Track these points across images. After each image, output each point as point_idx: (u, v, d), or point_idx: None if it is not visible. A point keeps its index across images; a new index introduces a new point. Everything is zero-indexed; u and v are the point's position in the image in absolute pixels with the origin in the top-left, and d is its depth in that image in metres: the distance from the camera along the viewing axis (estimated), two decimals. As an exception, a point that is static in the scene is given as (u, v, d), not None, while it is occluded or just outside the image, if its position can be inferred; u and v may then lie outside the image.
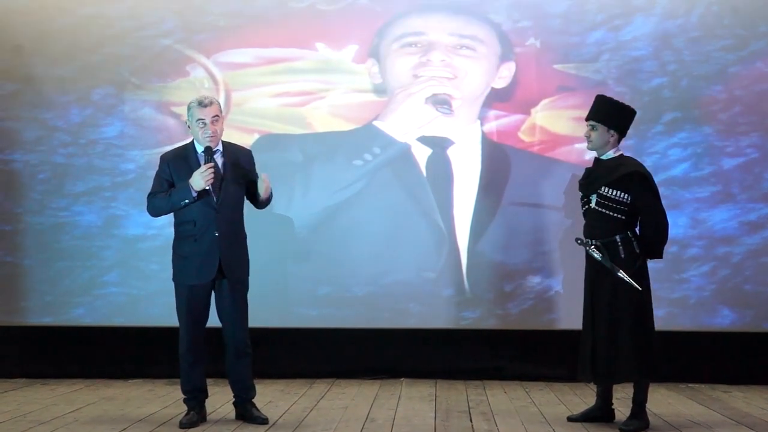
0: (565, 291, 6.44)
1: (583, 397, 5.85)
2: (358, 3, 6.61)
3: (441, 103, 6.57)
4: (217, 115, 4.86)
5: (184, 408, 5.44)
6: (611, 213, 4.87)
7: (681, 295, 6.43)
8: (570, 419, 5.12)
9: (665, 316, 6.42)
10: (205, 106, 4.83)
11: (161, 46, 6.62)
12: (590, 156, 6.43)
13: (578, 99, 6.52)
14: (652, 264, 6.41)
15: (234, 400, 5.13)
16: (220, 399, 5.71)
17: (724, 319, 6.43)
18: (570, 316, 6.40)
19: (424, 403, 5.65)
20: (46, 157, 6.61)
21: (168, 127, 6.60)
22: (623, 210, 4.85)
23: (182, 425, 4.92)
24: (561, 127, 6.52)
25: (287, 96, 6.58)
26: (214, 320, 5.14)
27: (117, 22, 6.62)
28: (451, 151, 6.58)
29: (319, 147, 6.55)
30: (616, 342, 4.80)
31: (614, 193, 4.86)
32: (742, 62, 6.47)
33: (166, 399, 5.74)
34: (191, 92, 6.57)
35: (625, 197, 4.85)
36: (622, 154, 5.00)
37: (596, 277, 4.91)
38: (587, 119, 5.02)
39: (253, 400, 5.09)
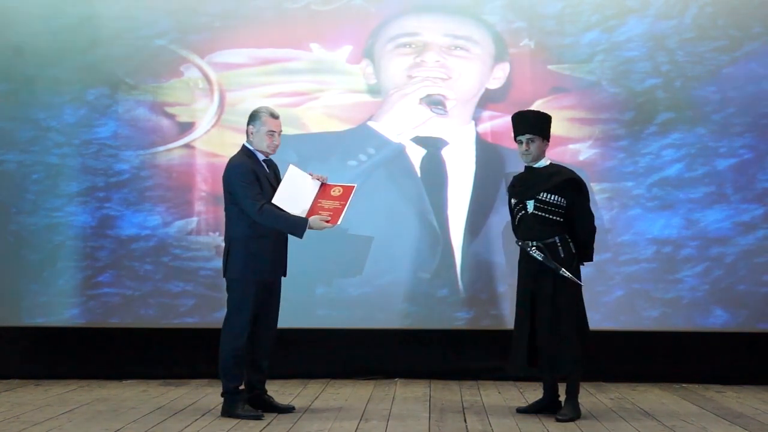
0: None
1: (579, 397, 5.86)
2: (352, 3, 6.61)
3: (435, 103, 6.57)
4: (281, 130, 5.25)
5: (178, 407, 5.44)
6: (550, 216, 5.18)
7: (675, 295, 6.45)
8: (519, 411, 5.36)
9: (659, 317, 6.45)
10: (276, 117, 5.20)
11: (155, 46, 6.62)
12: (586, 156, 6.52)
13: (572, 100, 6.54)
14: (645, 264, 6.48)
15: (256, 392, 5.27)
16: (215, 399, 5.71)
17: (717, 320, 6.45)
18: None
19: (418, 404, 5.66)
20: (40, 158, 6.59)
21: (162, 128, 6.60)
22: (561, 213, 5.18)
23: (260, 417, 5.10)
24: (555, 127, 6.39)
25: (281, 96, 6.58)
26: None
27: (111, 22, 6.61)
28: (445, 152, 6.59)
29: (314, 147, 6.55)
30: (558, 337, 5.10)
31: (552, 198, 5.17)
32: (736, 63, 6.48)
33: (160, 400, 5.73)
34: (185, 92, 6.59)
35: (562, 201, 5.17)
36: (553, 162, 5.38)
37: (537, 276, 5.18)
38: (523, 133, 5.25)
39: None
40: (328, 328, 6.51)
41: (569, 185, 5.18)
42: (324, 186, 5.25)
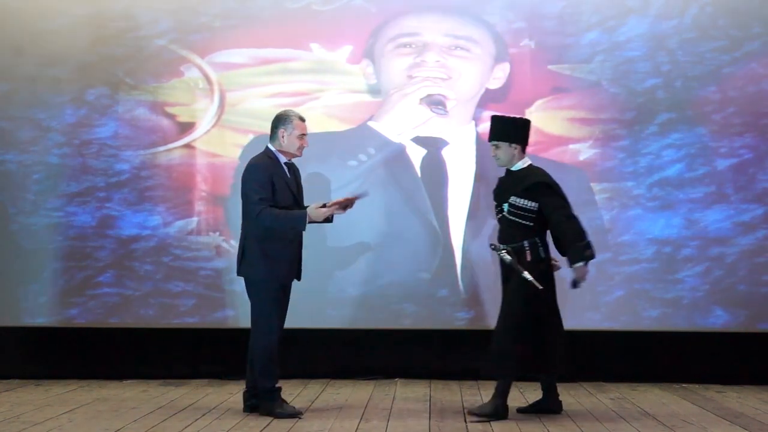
0: (558, 292, 6.42)
1: (577, 397, 5.87)
2: (352, 3, 6.61)
3: (436, 103, 6.57)
4: None
5: (178, 407, 5.45)
6: (520, 220, 5.21)
7: (675, 295, 6.45)
8: (519, 411, 5.34)
9: (659, 317, 6.45)
10: (304, 121, 5.33)
11: (156, 46, 6.61)
12: (586, 156, 6.52)
13: (573, 100, 6.54)
14: (645, 264, 6.47)
15: (249, 392, 5.29)
16: (215, 399, 5.72)
17: (717, 320, 6.44)
18: (564, 317, 6.40)
19: (418, 404, 5.66)
20: (40, 158, 6.59)
21: (162, 128, 6.59)
22: (531, 217, 5.21)
23: (298, 414, 5.15)
24: (555, 127, 6.53)
25: (282, 96, 6.58)
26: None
27: (111, 22, 6.61)
28: (445, 152, 6.59)
29: (314, 147, 6.46)
30: (496, 334, 5.19)
31: (522, 202, 5.20)
32: (736, 63, 6.48)
33: (160, 400, 5.73)
34: (186, 92, 6.59)
35: (533, 205, 5.18)
36: (530, 165, 5.33)
37: (509, 276, 5.24)
38: (489, 140, 5.34)
39: None
40: (328, 328, 6.51)
41: (536, 188, 5.18)
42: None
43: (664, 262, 6.46)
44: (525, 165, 5.30)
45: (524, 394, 5.95)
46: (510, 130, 5.29)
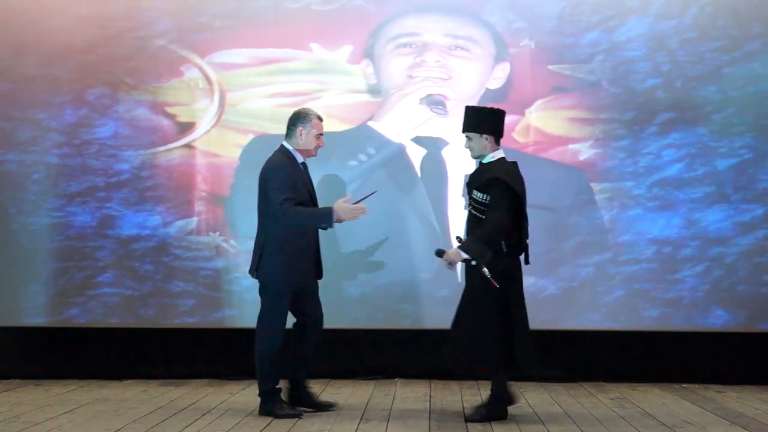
0: (558, 292, 6.45)
1: (577, 398, 5.87)
2: (352, 3, 6.61)
3: (435, 103, 6.58)
4: None
5: (178, 407, 5.45)
6: (480, 215, 5.08)
7: (675, 295, 6.45)
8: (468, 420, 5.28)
9: (659, 317, 6.45)
10: (321, 120, 5.30)
11: (156, 46, 6.61)
12: (584, 157, 6.52)
13: (573, 100, 6.54)
14: (645, 264, 6.46)
15: (292, 385, 5.33)
16: (215, 399, 5.72)
17: (717, 320, 6.45)
18: (563, 317, 6.42)
19: (418, 404, 5.66)
20: (40, 158, 6.59)
21: (162, 128, 6.60)
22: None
23: (298, 414, 5.16)
24: (555, 127, 6.54)
25: (282, 96, 6.58)
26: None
27: (112, 22, 6.61)
28: (445, 152, 6.59)
29: (314, 147, 6.55)
30: (459, 335, 5.12)
31: (481, 196, 5.08)
32: (736, 63, 6.49)
33: (160, 400, 5.73)
34: (186, 93, 6.59)
35: (488, 199, 5.05)
36: (501, 159, 5.17)
37: (469, 272, 5.15)
38: (462, 131, 5.24)
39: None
40: (328, 328, 6.48)
41: (490, 183, 5.04)
42: None
43: (664, 262, 6.46)
44: (495, 158, 5.16)
45: (524, 394, 5.95)
46: (482, 121, 5.16)
